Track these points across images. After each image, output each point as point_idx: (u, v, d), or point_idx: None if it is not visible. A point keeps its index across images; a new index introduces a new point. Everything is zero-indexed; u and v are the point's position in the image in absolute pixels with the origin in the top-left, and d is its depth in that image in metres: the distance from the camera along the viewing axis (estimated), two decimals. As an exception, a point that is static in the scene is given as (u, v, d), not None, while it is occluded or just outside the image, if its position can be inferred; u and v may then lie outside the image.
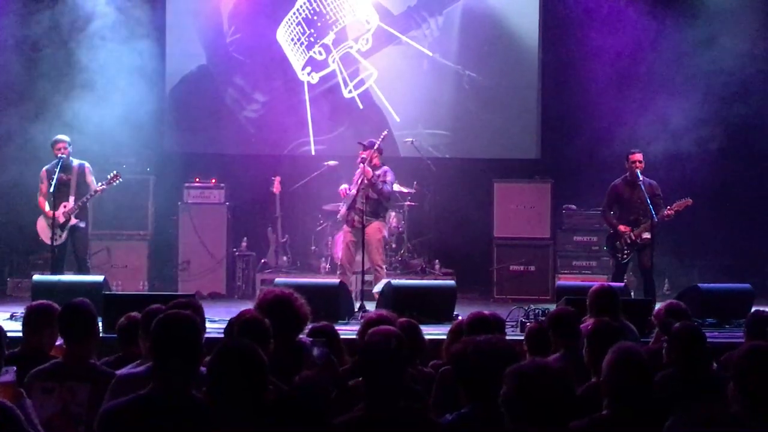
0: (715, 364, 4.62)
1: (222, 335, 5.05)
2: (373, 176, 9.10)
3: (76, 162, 9.24)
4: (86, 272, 9.17)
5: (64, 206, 9.08)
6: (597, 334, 4.30)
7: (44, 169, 9.21)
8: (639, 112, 10.96)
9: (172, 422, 3.10)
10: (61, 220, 9.06)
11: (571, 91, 11.11)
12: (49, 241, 9.04)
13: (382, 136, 9.24)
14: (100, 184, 9.15)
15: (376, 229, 9.40)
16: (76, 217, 9.11)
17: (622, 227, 9.23)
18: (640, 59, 11.18)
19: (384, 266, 9.60)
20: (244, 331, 4.07)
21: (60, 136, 9.19)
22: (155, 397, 3.19)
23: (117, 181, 9.23)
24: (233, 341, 3.43)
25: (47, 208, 9.10)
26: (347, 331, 6.81)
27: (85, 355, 4.12)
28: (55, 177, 8.95)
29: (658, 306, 5.65)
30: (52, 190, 8.95)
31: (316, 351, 4.12)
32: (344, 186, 9.54)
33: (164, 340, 3.27)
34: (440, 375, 4.37)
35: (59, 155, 9.02)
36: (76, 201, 9.11)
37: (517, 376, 2.95)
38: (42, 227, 9.25)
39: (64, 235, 9.11)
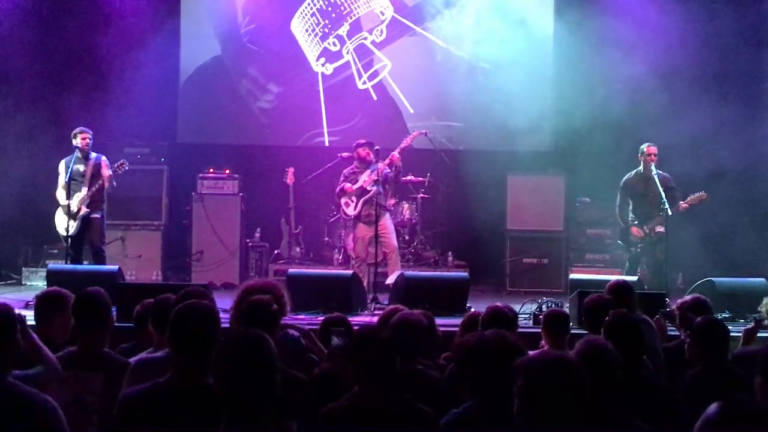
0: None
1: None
2: (390, 171, 9.47)
3: (93, 154, 9.24)
4: (102, 262, 9.18)
5: (78, 197, 9.10)
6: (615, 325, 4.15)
7: (62, 161, 9.22)
8: (654, 104, 10.89)
9: (189, 411, 3.10)
10: (74, 209, 9.08)
11: (586, 83, 11.04)
12: (63, 232, 9.07)
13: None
14: (107, 172, 9.12)
15: (389, 218, 9.64)
16: (88, 207, 9.12)
17: (634, 229, 9.22)
18: (656, 50, 11.09)
19: None
20: (251, 313, 4.10)
21: (80, 128, 9.19)
22: (173, 385, 3.20)
23: (122, 169, 9.17)
24: (241, 331, 3.35)
25: (61, 198, 9.14)
26: (360, 322, 6.82)
27: (99, 344, 4.14)
28: (71, 167, 9.01)
29: (679, 300, 5.58)
30: (66, 179, 9.03)
31: (336, 340, 4.14)
32: (348, 184, 9.57)
33: (182, 330, 3.27)
34: (449, 371, 4.31)
35: (76, 145, 9.05)
36: (89, 192, 9.13)
37: (530, 368, 2.81)
38: (59, 218, 9.26)
39: (76, 225, 9.11)
